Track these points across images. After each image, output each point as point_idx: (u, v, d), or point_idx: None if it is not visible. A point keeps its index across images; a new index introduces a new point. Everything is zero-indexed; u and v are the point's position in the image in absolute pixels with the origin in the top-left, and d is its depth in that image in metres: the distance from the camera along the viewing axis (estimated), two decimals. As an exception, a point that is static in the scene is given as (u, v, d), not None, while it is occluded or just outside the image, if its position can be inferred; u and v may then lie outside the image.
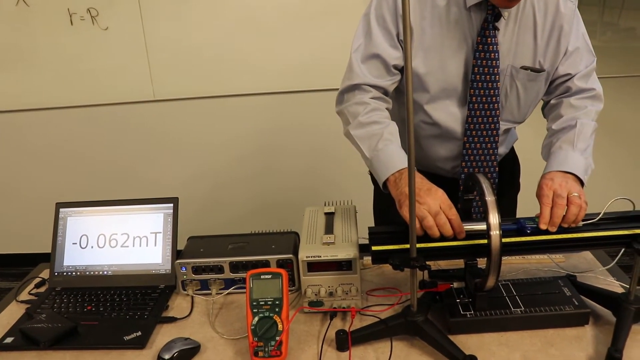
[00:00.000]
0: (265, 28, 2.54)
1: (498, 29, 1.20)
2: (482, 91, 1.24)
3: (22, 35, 2.61)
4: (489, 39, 1.20)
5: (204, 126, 2.77)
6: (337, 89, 1.33)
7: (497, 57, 1.21)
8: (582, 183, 1.15)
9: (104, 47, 2.60)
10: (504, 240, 0.96)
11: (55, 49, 2.62)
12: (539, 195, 1.10)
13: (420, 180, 1.10)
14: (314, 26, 2.52)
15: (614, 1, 2.54)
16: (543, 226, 1.05)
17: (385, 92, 1.28)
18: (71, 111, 2.75)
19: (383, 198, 1.57)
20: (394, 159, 1.15)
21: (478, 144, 1.31)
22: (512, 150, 1.52)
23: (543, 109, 1.38)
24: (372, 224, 1.09)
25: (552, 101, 1.34)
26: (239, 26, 2.54)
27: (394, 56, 1.24)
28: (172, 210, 1.33)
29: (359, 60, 1.26)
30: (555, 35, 1.23)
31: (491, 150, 1.32)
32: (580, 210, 1.06)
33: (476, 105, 1.26)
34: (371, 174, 1.58)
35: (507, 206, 1.50)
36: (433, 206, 1.03)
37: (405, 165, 1.13)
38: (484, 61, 1.22)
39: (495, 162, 1.34)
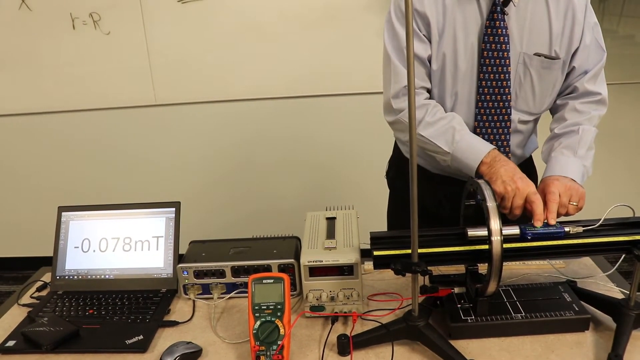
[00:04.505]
0: (267, 33, 2.55)
1: (506, 14, 1.21)
2: (492, 75, 1.25)
3: (25, 39, 2.62)
4: (497, 22, 1.21)
5: (206, 131, 2.77)
6: (338, 94, 1.34)
7: (506, 41, 1.22)
8: None
9: (105, 52, 2.61)
10: (505, 245, 0.97)
11: (57, 53, 2.63)
12: (547, 191, 1.12)
13: (514, 167, 1.16)
14: (315, 32, 2.53)
15: (614, 8, 2.56)
16: (551, 221, 1.07)
17: (428, 90, 1.32)
18: (73, 115, 2.76)
19: (398, 202, 1.58)
20: (478, 145, 1.21)
21: (491, 136, 1.31)
22: (530, 159, 1.50)
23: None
24: (375, 229, 1.10)
25: (558, 101, 1.35)
26: (241, 31, 2.56)
27: (423, 48, 1.26)
28: (174, 215, 1.33)
29: (399, 62, 1.27)
30: (569, 24, 1.24)
31: (503, 136, 1.32)
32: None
33: (486, 89, 1.27)
34: (387, 177, 1.59)
35: (522, 215, 1.49)
36: (522, 188, 1.10)
37: (490, 147, 1.20)
38: (493, 45, 1.23)
39: (509, 156, 1.33)
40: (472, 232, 1.04)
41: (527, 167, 1.49)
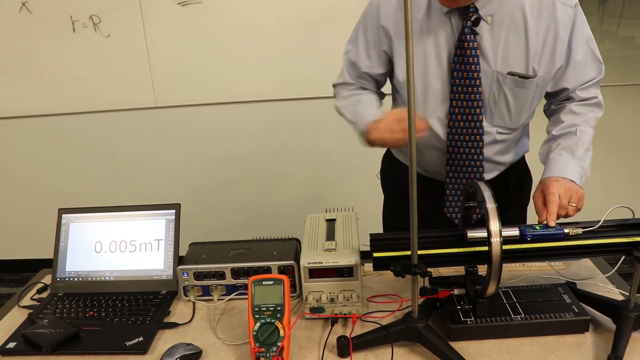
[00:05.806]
0: (266, 36, 2.55)
1: (477, 34, 1.20)
2: (462, 95, 1.25)
3: (25, 41, 2.62)
4: (466, 43, 1.20)
5: (206, 133, 2.77)
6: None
7: (476, 61, 1.21)
8: None
9: (106, 54, 2.62)
10: (504, 247, 0.97)
11: (58, 56, 2.64)
12: (546, 193, 1.12)
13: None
14: (314, 34, 2.54)
15: (613, 10, 2.56)
16: (551, 223, 1.07)
17: (363, 88, 1.41)
18: (73, 118, 2.76)
19: (393, 205, 1.59)
20: (371, 113, 1.28)
21: (461, 149, 1.31)
22: (523, 160, 1.49)
23: (545, 110, 1.39)
24: (374, 231, 1.10)
25: (553, 105, 1.35)
26: (240, 34, 2.56)
27: (365, 65, 1.36)
28: (174, 217, 1.33)
29: (346, 62, 1.41)
30: (550, 42, 1.21)
31: (475, 156, 1.32)
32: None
33: (457, 109, 1.27)
34: (382, 184, 1.59)
35: (516, 218, 1.48)
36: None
37: (377, 116, 1.24)
38: (463, 65, 1.22)
39: (481, 168, 1.33)
40: (472, 234, 1.05)
41: (520, 169, 1.49)
